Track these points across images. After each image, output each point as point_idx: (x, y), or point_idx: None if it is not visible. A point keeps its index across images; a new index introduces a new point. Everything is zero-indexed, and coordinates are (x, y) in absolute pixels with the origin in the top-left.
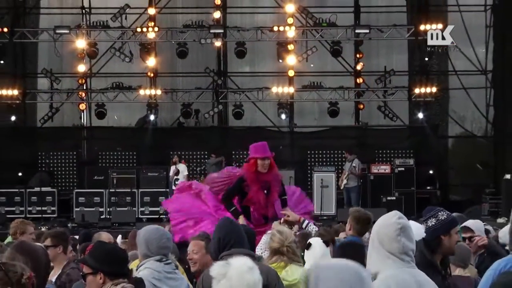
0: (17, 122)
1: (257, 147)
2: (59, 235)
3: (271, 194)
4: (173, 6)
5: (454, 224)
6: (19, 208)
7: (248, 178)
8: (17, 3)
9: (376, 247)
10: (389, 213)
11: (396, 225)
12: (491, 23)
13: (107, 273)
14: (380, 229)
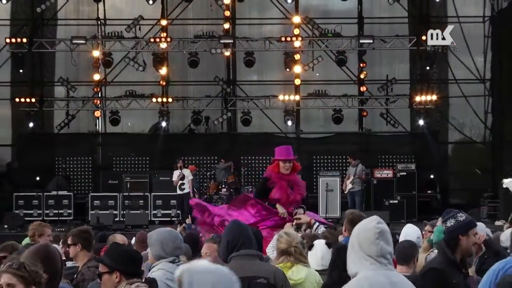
0: (35, 128)
1: (281, 150)
2: (78, 234)
3: (294, 193)
4: (184, 18)
5: (473, 225)
6: (37, 211)
7: (273, 176)
8: (36, 14)
9: (356, 250)
10: (369, 217)
11: (375, 229)
12: (489, 33)
13: (123, 272)
14: (360, 233)
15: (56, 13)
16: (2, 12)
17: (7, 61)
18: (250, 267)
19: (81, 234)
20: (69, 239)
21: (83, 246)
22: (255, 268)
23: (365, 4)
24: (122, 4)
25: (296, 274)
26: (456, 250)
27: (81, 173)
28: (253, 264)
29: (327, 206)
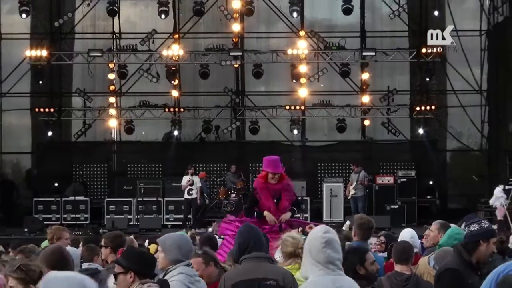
0: (53, 137)
1: (270, 162)
2: (111, 238)
3: (281, 202)
4: (196, 31)
5: (495, 234)
6: (55, 215)
7: (258, 187)
8: (54, 28)
9: (307, 255)
10: (319, 227)
11: (322, 238)
12: (485, 46)
13: (137, 272)
14: (310, 241)
15: (74, 27)
16: (22, 26)
17: (27, 73)
18: (260, 269)
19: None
20: (102, 241)
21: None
22: (265, 270)
23: (367, 19)
24: (136, 19)
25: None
26: (473, 254)
27: (97, 180)
28: (263, 266)
29: (331, 211)
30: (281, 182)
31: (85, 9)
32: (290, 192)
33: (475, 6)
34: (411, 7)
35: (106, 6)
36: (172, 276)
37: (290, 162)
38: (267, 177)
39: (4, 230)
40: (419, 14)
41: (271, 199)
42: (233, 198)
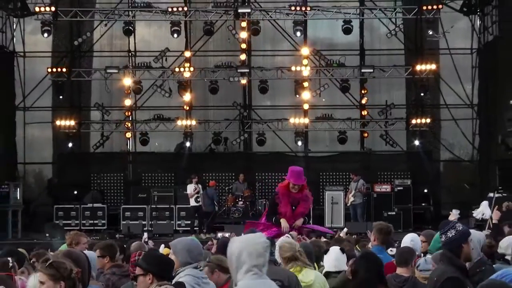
0: (73, 148)
1: (294, 172)
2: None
3: (297, 209)
4: (206, 50)
5: (469, 233)
6: (75, 221)
7: (280, 193)
8: (74, 47)
9: (242, 260)
10: (255, 234)
11: (265, 243)
12: (476, 64)
13: (155, 274)
14: (249, 246)
15: (92, 45)
16: (44, 45)
17: (48, 88)
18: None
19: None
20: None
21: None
22: (271, 272)
23: (366, 38)
24: (150, 38)
25: (306, 277)
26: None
27: (114, 188)
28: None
29: (332, 217)
30: (301, 192)
31: (102, 29)
32: (307, 203)
33: (466, 26)
34: (407, 27)
35: (122, 26)
36: (179, 278)
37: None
38: (289, 186)
39: (27, 235)
40: (414, 33)
41: (289, 206)
42: (241, 205)
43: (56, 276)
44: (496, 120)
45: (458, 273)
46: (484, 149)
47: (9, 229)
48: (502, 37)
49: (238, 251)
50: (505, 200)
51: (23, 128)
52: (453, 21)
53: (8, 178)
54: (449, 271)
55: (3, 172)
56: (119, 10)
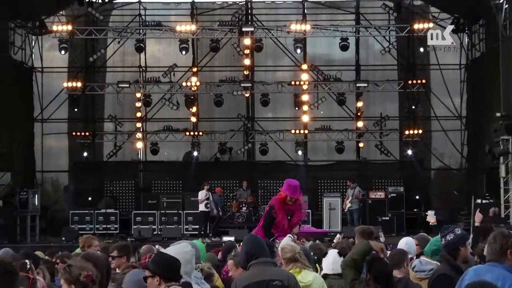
0: (88, 157)
1: (290, 186)
2: (123, 248)
3: (292, 219)
4: (211, 65)
5: (468, 237)
6: (89, 226)
7: (276, 207)
8: (88, 63)
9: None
10: (183, 243)
11: (192, 252)
12: (464, 78)
13: (163, 277)
14: (177, 254)
15: (106, 61)
16: (61, 61)
17: (65, 101)
18: (267, 271)
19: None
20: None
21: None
22: (271, 273)
23: (361, 54)
24: (160, 54)
25: (305, 278)
26: (457, 259)
27: (125, 194)
28: (269, 269)
29: (330, 222)
30: (295, 204)
31: (115, 46)
32: (301, 212)
33: (455, 43)
34: (399, 44)
35: (133, 43)
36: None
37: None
38: (286, 199)
39: (45, 238)
40: (406, 50)
41: (286, 218)
42: (244, 210)
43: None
44: (483, 131)
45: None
46: (472, 158)
47: (28, 233)
48: (488, 53)
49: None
50: (492, 206)
51: (41, 139)
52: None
53: (27, 185)
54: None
55: (22, 179)
56: (131, 28)
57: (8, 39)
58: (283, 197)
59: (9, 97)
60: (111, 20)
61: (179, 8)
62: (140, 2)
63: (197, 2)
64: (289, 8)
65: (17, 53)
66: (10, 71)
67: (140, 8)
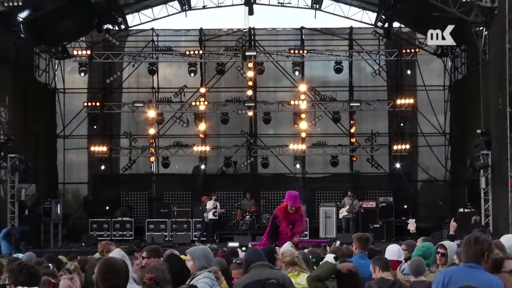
0: (105, 170)
1: (291, 196)
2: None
3: (294, 228)
4: (218, 86)
5: None
6: (106, 233)
7: (279, 216)
8: (106, 84)
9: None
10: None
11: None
12: (448, 98)
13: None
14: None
15: (121, 83)
16: (81, 82)
17: (84, 119)
18: (264, 272)
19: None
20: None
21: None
22: (268, 273)
23: (354, 76)
24: (171, 76)
25: (303, 280)
26: None
27: (140, 204)
28: (266, 270)
29: (326, 229)
30: (297, 213)
31: (130, 69)
32: (302, 222)
33: (439, 66)
34: (389, 67)
35: (147, 66)
36: (198, 279)
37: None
38: (287, 208)
39: (67, 244)
40: (395, 72)
41: (289, 227)
42: (248, 219)
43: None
44: (465, 147)
45: None
46: (455, 171)
47: (51, 239)
48: (470, 76)
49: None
50: (473, 215)
51: (63, 153)
52: (428, 62)
53: (50, 196)
54: None
55: (46, 190)
56: (144, 53)
57: (34, 62)
58: (285, 206)
59: (34, 115)
60: (126, 45)
61: (189, 34)
62: (153, 29)
63: (205, 29)
64: (288, 35)
65: (41, 75)
66: (35, 92)
67: (153, 34)
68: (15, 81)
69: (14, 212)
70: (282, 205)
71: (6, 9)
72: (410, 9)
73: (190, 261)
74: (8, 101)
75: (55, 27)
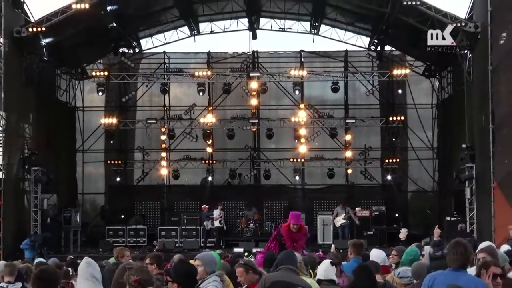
0: (120, 181)
1: (293, 216)
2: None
3: (296, 244)
4: (224, 105)
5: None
6: (122, 239)
7: (284, 235)
8: (122, 103)
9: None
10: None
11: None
12: (436, 116)
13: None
14: (89, 266)
15: (136, 101)
16: (98, 101)
17: (102, 135)
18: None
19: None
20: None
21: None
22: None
23: (349, 95)
24: (181, 95)
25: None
26: None
27: (152, 213)
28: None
29: (323, 236)
30: (300, 231)
31: (144, 88)
32: (303, 239)
33: (428, 86)
34: (381, 87)
35: (159, 86)
36: (209, 283)
37: (294, 200)
38: (290, 226)
39: (85, 249)
40: (387, 92)
41: (292, 244)
42: (252, 226)
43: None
44: (452, 160)
45: None
46: (442, 182)
47: (71, 245)
48: (455, 95)
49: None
50: (459, 223)
51: (82, 166)
52: (417, 82)
53: (70, 205)
54: None
55: (66, 200)
56: (157, 74)
57: (55, 83)
58: (288, 225)
59: (55, 131)
60: (140, 67)
61: (197, 57)
62: (164, 52)
63: (212, 52)
64: (289, 57)
65: (62, 95)
66: (56, 110)
67: (165, 57)
68: (38, 100)
69: (37, 220)
70: (285, 224)
71: (31, 35)
72: (400, 34)
73: (201, 266)
74: (32, 118)
75: (75, 50)
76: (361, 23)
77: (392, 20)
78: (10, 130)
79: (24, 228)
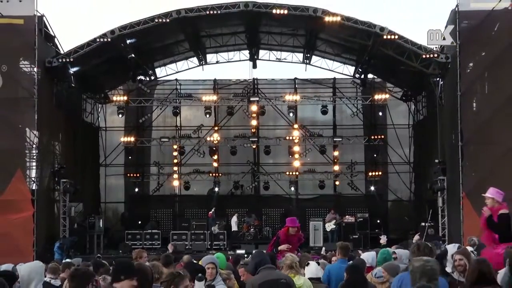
0: (138, 192)
1: (290, 220)
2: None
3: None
4: (228, 125)
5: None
6: (139, 242)
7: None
8: (139, 123)
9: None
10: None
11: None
12: (412, 135)
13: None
14: (35, 268)
15: (151, 122)
16: (119, 122)
17: (122, 151)
18: (274, 273)
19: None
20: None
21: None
22: (277, 274)
23: (337, 117)
24: (191, 117)
25: (298, 281)
26: None
27: (166, 219)
28: (274, 272)
29: (315, 240)
30: (296, 235)
31: (158, 111)
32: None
33: (405, 109)
34: (365, 110)
35: (172, 109)
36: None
37: (289, 208)
38: (289, 230)
39: (107, 251)
40: (369, 114)
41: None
42: (252, 231)
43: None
44: (426, 173)
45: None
46: (418, 193)
47: (95, 247)
48: (429, 117)
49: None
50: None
51: (104, 179)
52: (396, 106)
53: (94, 212)
54: None
55: (91, 208)
56: (169, 98)
57: (81, 106)
58: (286, 229)
59: (81, 148)
60: (155, 92)
61: (205, 84)
62: (176, 79)
63: (218, 79)
64: (284, 84)
65: (87, 116)
66: (82, 130)
67: (177, 84)
68: (66, 121)
69: (65, 226)
70: (284, 229)
71: (61, 64)
72: (381, 64)
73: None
74: (61, 137)
75: (98, 78)
76: (347, 54)
77: (374, 52)
78: (42, 147)
79: (54, 233)
